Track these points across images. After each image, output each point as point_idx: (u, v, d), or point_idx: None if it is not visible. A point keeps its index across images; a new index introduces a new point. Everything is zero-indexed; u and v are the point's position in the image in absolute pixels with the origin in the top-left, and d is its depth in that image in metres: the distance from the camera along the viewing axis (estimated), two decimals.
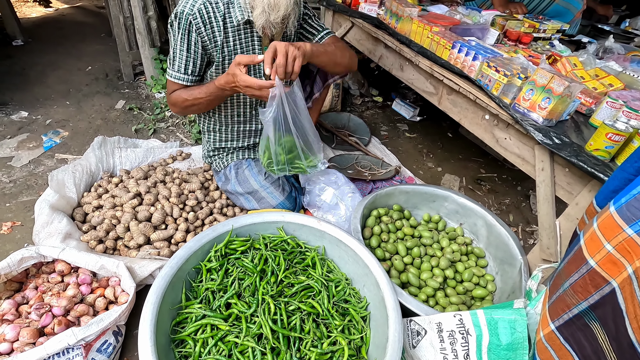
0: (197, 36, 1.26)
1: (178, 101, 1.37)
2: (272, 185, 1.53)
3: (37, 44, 3.00)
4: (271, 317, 1.05)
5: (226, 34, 1.30)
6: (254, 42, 1.37)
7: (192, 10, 1.22)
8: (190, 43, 1.27)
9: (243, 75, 1.19)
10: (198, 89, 1.35)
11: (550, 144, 1.17)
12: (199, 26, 1.24)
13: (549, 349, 0.83)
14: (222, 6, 1.26)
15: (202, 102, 1.37)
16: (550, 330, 0.82)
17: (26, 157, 1.85)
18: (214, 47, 1.30)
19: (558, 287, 0.82)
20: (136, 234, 1.36)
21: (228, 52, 1.33)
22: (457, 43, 1.53)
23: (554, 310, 0.82)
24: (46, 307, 1.09)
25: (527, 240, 1.88)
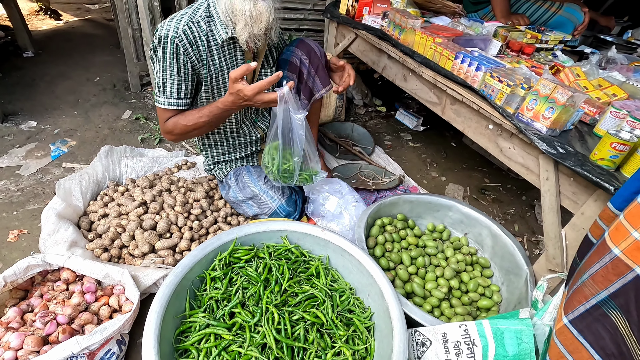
0: (186, 57, 1.24)
1: (176, 129, 1.33)
2: (272, 189, 1.54)
3: (47, 55, 3.07)
4: (275, 326, 1.04)
5: (211, 52, 1.29)
6: (237, 58, 1.37)
7: (177, 32, 1.20)
8: (180, 66, 1.24)
9: (249, 86, 1.18)
10: (197, 113, 1.31)
11: (555, 154, 1.17)
12: (185, 47, 1.22)
13: (558, 344, 0.83)
14: (204, 25, 1.25)
15: (204, 126, 1.34)
16: (562, 325, 0.82)
17: (34, 166, 1.87)
18: (201, 67, 1.28)
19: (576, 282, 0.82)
20: (141, 243, 1.36)
21: (215, 71, 1.32)
22: (460, 54, 1.55)
23: (568, 305, 0.82)
24: (51, 315, 1.09)
25: (532, 250, 1.86)
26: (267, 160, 1.42)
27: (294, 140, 1.33)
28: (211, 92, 1.38)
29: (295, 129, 1.30)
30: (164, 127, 1.36)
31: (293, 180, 1.44)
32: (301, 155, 1.36)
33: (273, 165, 1.40)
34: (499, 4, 2.36)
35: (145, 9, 2.11)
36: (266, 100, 1.22)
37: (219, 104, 1.28)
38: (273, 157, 1.39)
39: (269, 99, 1.22)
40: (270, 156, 1.40)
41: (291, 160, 1.37)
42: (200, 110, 1.31)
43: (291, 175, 1.42)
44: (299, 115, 1.28)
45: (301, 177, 1.45)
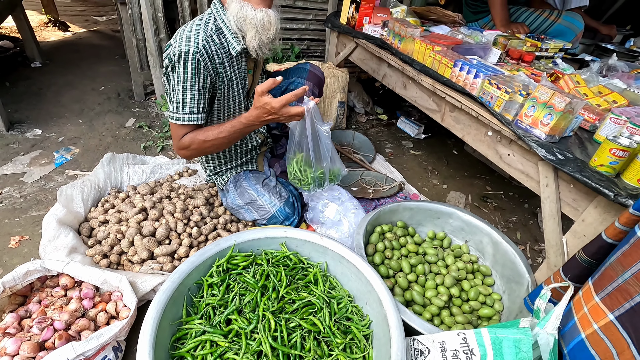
0: (206, 72, 1.24)
1: (193, 144, 1.31)
2: (269, 193, 1.54)
3: (54, 65, 3.13)
4: (271, 333, 1.03)
5: (224, 64, 1.31)
6: (242, 69, 1.41)
7: (198, 47, 1.20)
8: (200, 80, 1.24)
9: (276, 99, 1.17)
10: (217, 128, 1.30)
11: (554, 160, 1.17)
12: (206, 62, 1.23)
13: (605, 340, 0.86)
14: (216, 39, 1.27)
15: (223, 141, 1.32)
16: (608, 321, 0.85)
17: (37, 173, 1.89)
18: (217, 80, 1.30)
19: (613, 280, 0.86)
20: (140, 249, 1.37)
21: (227, 82, 1.35)
22: (458, 61, 1.55)
23: (612, 301, 0.85)
24: (48, 321, 1.09)
25: (535, 258, 1.84)
26: (298, 172, 1.46)
27: (322, 149, 1.38)
28: (224, 104, 1.40)
29: (322, 139, 1.35)
30: (179, 144, 1.33)
31: (325, 182, 1.49)
32: (329, 160, 1.41)
33: (307, 176, 1.44)
34: (498, 13, 2.38)
35: (149, 20, 2.15)
36: (292, 113, 1.20)
37: (242, 119, 1.27)
38: (304, 168, 1.44)
39: (295, 112, 1.20)
40: (301, 168, 1.44)
41: (323, 168, 1.43)
42: (221, 125, 1.30)
43: (324, 179, 1.47)
44: (326, 127, 1.33)
45: (330, 178, 1.50)
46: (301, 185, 1.50)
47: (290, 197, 1.61)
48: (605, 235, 0.94)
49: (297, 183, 1.50)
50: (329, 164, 1.43)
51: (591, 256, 0.98)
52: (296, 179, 1.49)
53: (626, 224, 0.89)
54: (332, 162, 1.46)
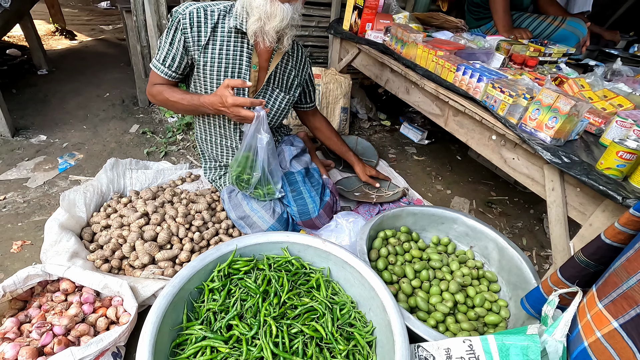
0: (182, 35, 1.33)
1: (158, 95, 1.45)
2: (263, 209, 1.52)
3: (60, 73, 3.17)
4: (272, 339, 1.02)
5: (214, 39, 1.37)
6: (243, 56, 1.41)
7: (184, 11, 1.31)
8: (175, 39, 1.35)
9: (232, 96, 1.27)
10: (181, 94, 1.43)
11: (559, 163, 1.15)
12: (184, 26, 1.32)
13: (609, 349, 0.82)
14: (216, 16, 1.35)
15: (180, 108, 1.46)
16: (612, 329, 0.82)
17: (41, 179, 1.90)
18: (195, 50, 1.37)
19: (617, 286, 0.82)
20: (141, 254, 1.36)
21: (211, 59, 1.38)
22: (461, 66, 1.55)
23: (617, 308, 0.82)
24: (47, 325, 1.08)
25: (542, 265, 1.81)
26: (233, 164, 1.47)
27: (257, 159, 1.40)
28: (202, 77, 1.43)
29: (259, 149, 1.38)
30: (150, 89, 1.48)
31: (249, 190, 1.51)
32: (260, 172, 1.43)
33: (235, 171, 1.47)
34: (501, 18, 2.39)
35: (154, 27, 2.18)
36: (242, 115, 1.30)
37: (201, 97, 1.38)
38: (240, 164, 1.45)
39: (245, 114, 1.30)
40: (237, 162, 1.45)
41: (252, 175, 1.45)
42: (185, 93, 1.43)
43: (248, 185, 1.49)
44: (263, 137, 1.34)
45: (256, 191, 1.51)
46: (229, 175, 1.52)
47: (285, 213, 1.59)
48: (604, 236, 0.91)
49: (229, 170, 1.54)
50: (259, 176, 1.43)
51: (588, 256, 0.96)
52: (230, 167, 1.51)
53: (626, 225, 0.86)
54: (266, 178, 1.46)
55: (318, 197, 1.58)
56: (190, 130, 2.41)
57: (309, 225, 1.59)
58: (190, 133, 2.39)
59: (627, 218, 0.87)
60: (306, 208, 1.55)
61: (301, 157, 1.72)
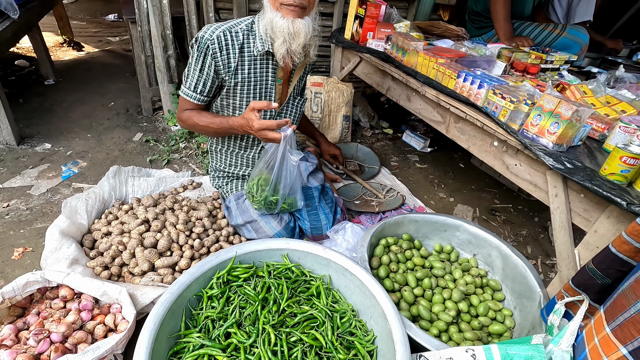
0: (212, 60, 1.33)
1: (188, 121, 1.45)
2: (271, 216, 1.53)
3: (67, 83, 3.22)
4: (271, 348, 1.00)
5: (242, 61, 1.37)
6: (269, 73, 1.43)
7: (212, 36, 1.30)
8: (204, 65, 1.34)
9: (259, 120, 1.25)
10: (210, 118, 1.42)
11: (562, 169, 1.14)
12: (214, 51, 1.31)
13: None
14: (241, 36, 1.35)
15: (210, 131, 1.45)
16: (621, 356, 0.77)
17: (45, 186, 1.91)
18: (227, 72, 1.36)
19: (624, 309, 0.77)
20: (141, 261, 1.35)
21: (242, 79, 1.39)
22: (462, 72, 1.55)
23: (625, 334, 0.77)
24: (45, 332, 1.07)
25: (547, 273, 1.78)
26: (255, 190, 1.47)
27: (284, 177, 1.40)
28: (232, 97, 1.43)
29: (289, 167, 1.38)
30: (179, 115, 1.48)
31: (276, 209, 1.51)
32: (288, 190, 1.43)
33: (261, 195, 1.46)
34: (502, 27, 2.40)
35: (158, 37, 2.21)
36: (270, 137, 1.28)
37: (230, 120, 1.37)
38: (262, 188, 1.45)
39: (272, 136, 1.27)
40: (259, 187, 1.45)
41: (278, 194, 1.44)
42: (214, 117, 1.43)
43: (275, 206, 1.49)
44: (295, 157, 1.35)
45: (283, 207, 1.52)
46: (252, 201, 1.51)
47: (292, 222, 1.59)
48: (612, 247, 0.89)
49: (250, 198, 1.51)
50: (286, 193, 1.44)
51: (596, 265, 0.93)
52: (250, 194, 1.50)
53: (631, 235, 0.84)
54: (291, 192, 1.47)
55: (331, 215, 1.62)
56: (192, 138, 2.43)
57: (318, 239, 1.61)
58: (192, 141, 2.41)
59: (632, 227, 0.85)
60: (319, 224, 1.59)
61: (316, 174, 1.74)
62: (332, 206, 1.65)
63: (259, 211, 1.54)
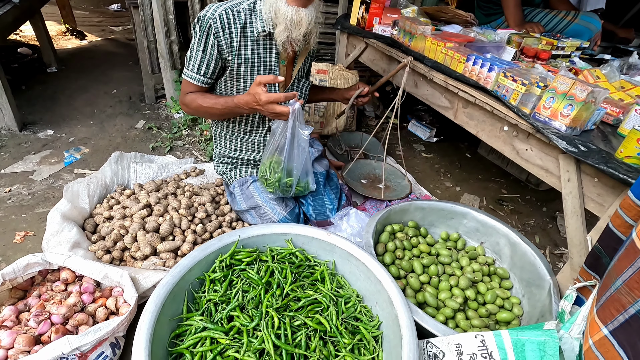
0: (215, 40, 1.29)
1: (192, 104, 1.40)
2: (275, 201, 1.50)
3: (69, 71, 3.20)
4: (274, 331, 0.98)
5: (245, 41, 1.33)
6: (272, 56, 1.39)
7: (214, 15, 1.26)
8: (207, 45, 1.30)
9: (266, 93, 1.22)
10: (214, 99, 1.38)
11: (576, 152, 1.10)
12: (217, 30, 1.27)
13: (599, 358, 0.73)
14: (243, 16, 1.31)
15: (215, 113, 1.41)
16: (602, 336, 0.73)
17: (47, 172, 1.90)
18: (230, 52, 1.33)
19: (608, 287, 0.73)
20: (143, 245, 1.33)
21: (245, 60, 1.35)
22: (471, 56, 1.51)
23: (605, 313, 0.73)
24: (45, 314, 1.06)
25: (556, 263, 1.74)
26: (268, 173, 1.43)
27: (296, 155, 1.37)
28: (236, 79, 1.40)
29: (300, 144, 1.34)
30: (182, 98, 1.43)
31: (291, 192, 1.47)
32: (301, 169, 1.40)
33: (274, 177, 1.42)
34: (512, 13, 2.34)
35: (160, 22, 2.18)
36: (278, 111, 1.24)
37: (235, 99, 1.33)
38: (275, 170, 1.41)
39: (280, 110, 1.24)
40: (272, 169, 1.42)
41: (292, 175, 1.41)
42: (218, 97, 1.39)
43: (290, 188, 1.45)
44: (306, 131, 1.31)
45: (298, 189, 1.48)
46: (266, 185, 1.47)
47: (297, 208, 1.57)
48: (610, 222, 0.86)
49: (264, 182, 1.47)
50: (299, 172, 1.41)
51: (600, 243, 0.90)
52: (264, 178, 1.46)
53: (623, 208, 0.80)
54: (303, 172, 1.43)
55: (336, 201, 1.61)
56: (195, 125, 2.40)
57: (323, 224, 1.59)
58: (195, 129, 2.38)
59: (625, 200, 0.82)
60: (324, 209, 1.58)
61: (321, 160, 1.71)
62: (336, 192, 1.62)
63: (273, 194, 1.50)
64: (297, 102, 1.26)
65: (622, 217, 0.79)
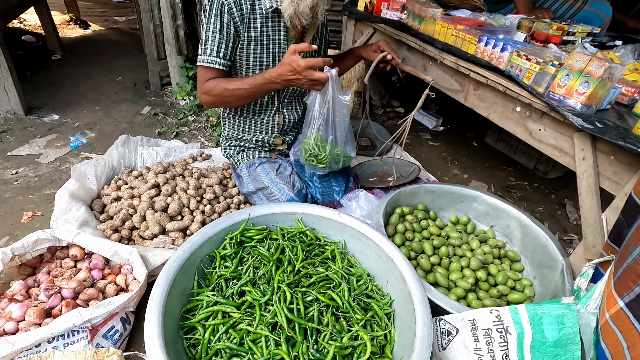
0: (229, 17, 1.26)
1: (215, 89, 1.32)
2: (283, 181, 1.49)
3: (73, 58, 3.19)
4: (287, 305, 0.97)
5: (254, 19, 1.31)
6: (281, 33, 1.37)
7: None
8: (223, 24, 1.27)
9: (303, 59, 1.19)
10: (240, 80, 1.33)
11: (592, 129, 1.08)
12: (230, 6, 1.25)
13: (616, 331, 0.70)
14: None
15: (242, 95, 1.33)
16: (618, 309, 0.70)
17: (53, 155, 1.89)
18: (243, 28, 1.31)
19: (625, 259, 0.71)
20: (152, 224, 1.32)
21: (255, 38, 1.33)
22: (483, 36, 1.49)
23: (622, 285, 0.70)
24: (55, 288, 1.05)
25: (565, 249, 1.72)
26: (316, 149, 1.40)
27: (338, 124, 1.34)
28: (245, 58, 1.37)
29: (342, 110, 1.31)
30: (202, 87, 1.35)
31: (339, 164, 1.45)
32: (344, 137, 1.38)
33: (324, 151, 1.39)
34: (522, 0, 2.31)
35: (167, 5, 2.16)
36: (316, 77, 1.21)
37: (265, 74, 1.28)
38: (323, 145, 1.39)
39: (318, 76, 1.21)
40: (319, 145, 1.39)
41: (338, 146, 1.39)
42: (242, 79, 1.33)
43: (339, 158, 1.43)
44: (346, 97, 1.30)
45: (343, 160, 1.46)
46: (317, 163, 1.44)
47: (304, 189, 1.55)
48: (633, 191, 0.83)
49: (313, 160, 1.45)
50: (343, 142, 1.40)
51: (623, 214, 0.88)
52: (312, 157, 1.44)
53: None
54: (346, 142, 1.42)
55: (344, 183, 1.59)
56: (201, 112, 2.39)
57: (330, 206, 1.56)
58: (201, 115, 2.37)
59: None
60: (331, 191, 1.56)
61: None
62: (344, 174, 1.61)
63: (324, 170, 1.48)
64: (332, 68, 1.24)
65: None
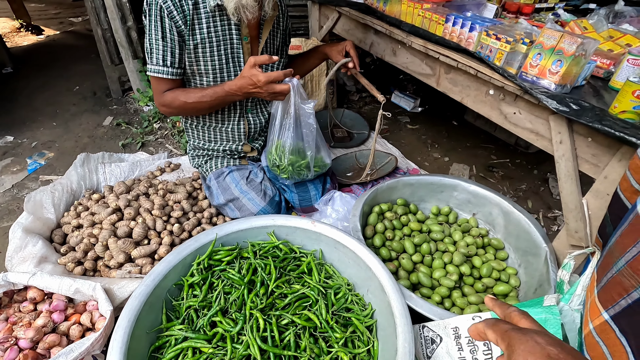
0: (171, 21, 1.16)
1: (174, 102, 1.26)
2: (254, 191, 1.41)
3: (27, 69, 2.99)
4: (260, 334, 0.91)
5: (199, 19, 1.20)
6: (232, 31, 1.26)
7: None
8: (165, 30, 1.17)
9: (263, 73, 1.14)
10: (199, 92, 1.26)
11: (568, 111, 1.02)
12: (170, 10, 1.14)
13: (600, 344, 0.66)
14: None
15: (203, 107, 1.29)
16: (603, 321, 0.65)
17: (9, 182, 1.77)
18: (187, 33, 1.20)
19: (609, 267, 0.66)
20: (115, 252, 1.24)
21: (201, 39, 1.22)
22: (450, 16, 1.39)
23: (606, 296, 0.65)
24: (12, 340, 0.97)
25: (550, 227, 1.71)
26: (277, 159, 1.35)
27: (305, 134, 1.29)
28: (195, 63, 1.26)
29: (306, 120, 1.26)
30: (160, 99, 1.28)
31: (310, 174, 1.39)
32: (314, 148, 1.32)
33: (285, 162, 1.34)
34: None
35: (113, 6, 2.00)
36: (278, 90, 1.17)
37: (225, 86, 1.23)
38: (283, 154, 1.33)
39: (280, 89, 1.17)
40: (280, 154, 1.33)
41: (306, 156, 1.33)
42: (203, 90, 1.27)
43: (308, 169, 1.38)
44: (309, 105, 1.24)
45: (315, 169, 1.40)
46: (279, 172, 1.38)
47: (277, 196, 1.48)
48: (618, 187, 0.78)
49: (276, 170, 1.39)
50: (313, 152, 1.33)
51: (608, 208, 0.83)
52: (275, 166, 1.38)
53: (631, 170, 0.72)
54: (316, 150, 1.35)
55: (320, 185, 1.53)
56: (167, 118, 2.26)
57: (308, 211, 1.50)
58: (167, 121, 2.24)
59: (633, 161, 0.74)
60: (308, 195, 1.50)
61: None
62: (321, 177, 1.53)
63: (290, 180, 1.42)
64: (294, 77, 1.19)
65: (628, 180, 0.72)
